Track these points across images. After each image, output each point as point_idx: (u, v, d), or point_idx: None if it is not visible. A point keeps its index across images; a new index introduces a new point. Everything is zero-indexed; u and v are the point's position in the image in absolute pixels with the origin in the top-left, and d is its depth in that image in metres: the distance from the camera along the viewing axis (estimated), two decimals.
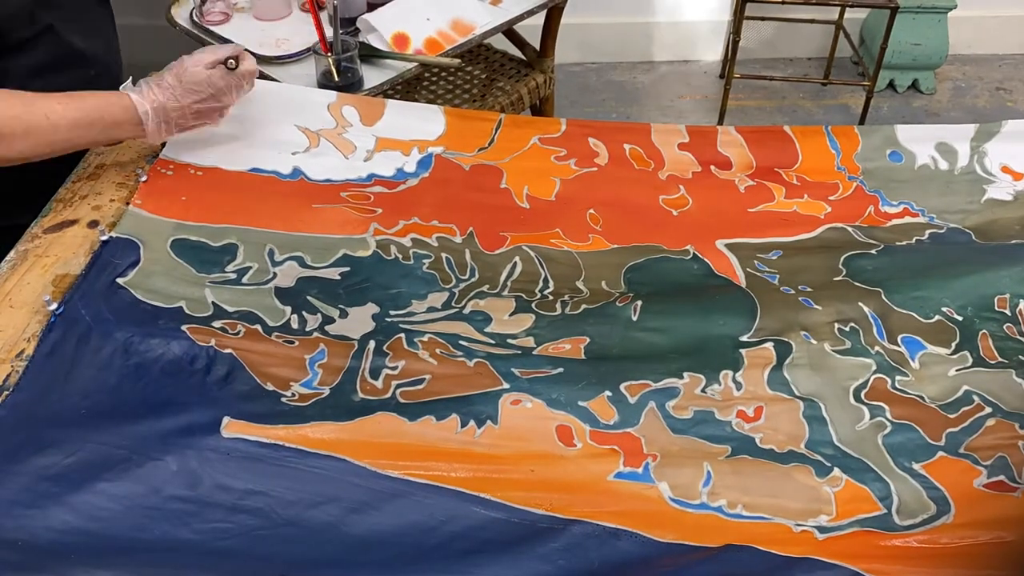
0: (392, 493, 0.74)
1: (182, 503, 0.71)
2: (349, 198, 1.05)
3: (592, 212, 1.07)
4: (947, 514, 0.75)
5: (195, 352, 0.82)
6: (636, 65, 2.68)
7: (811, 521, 0.74)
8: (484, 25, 1.45)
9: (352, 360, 0.85)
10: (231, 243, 0.97)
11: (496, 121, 1.17)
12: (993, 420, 0.83)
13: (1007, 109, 2.52)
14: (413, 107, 1.21)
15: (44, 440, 0.73)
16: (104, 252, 0.91)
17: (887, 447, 0.80)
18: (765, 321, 0.91)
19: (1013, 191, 1.11)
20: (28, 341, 0.82)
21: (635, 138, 1.17)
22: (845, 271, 0.98)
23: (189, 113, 0.98)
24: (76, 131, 0.92)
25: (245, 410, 0.78)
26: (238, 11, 1.47)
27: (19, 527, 0.67)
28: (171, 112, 0.97)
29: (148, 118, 0.96)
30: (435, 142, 1.14)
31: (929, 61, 2.49)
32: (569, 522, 0.73)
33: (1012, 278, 0.95)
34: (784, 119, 2.46)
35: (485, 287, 0.96)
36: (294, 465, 0.75)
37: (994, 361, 0.88)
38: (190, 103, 0.98)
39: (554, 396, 0.82)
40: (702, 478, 0.77)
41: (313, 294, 0.93)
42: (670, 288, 0.97)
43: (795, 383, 0.85)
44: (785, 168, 1.14)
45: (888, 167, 1.15)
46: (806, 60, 2.72)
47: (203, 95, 0.98)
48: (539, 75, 1.77)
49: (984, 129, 1.17)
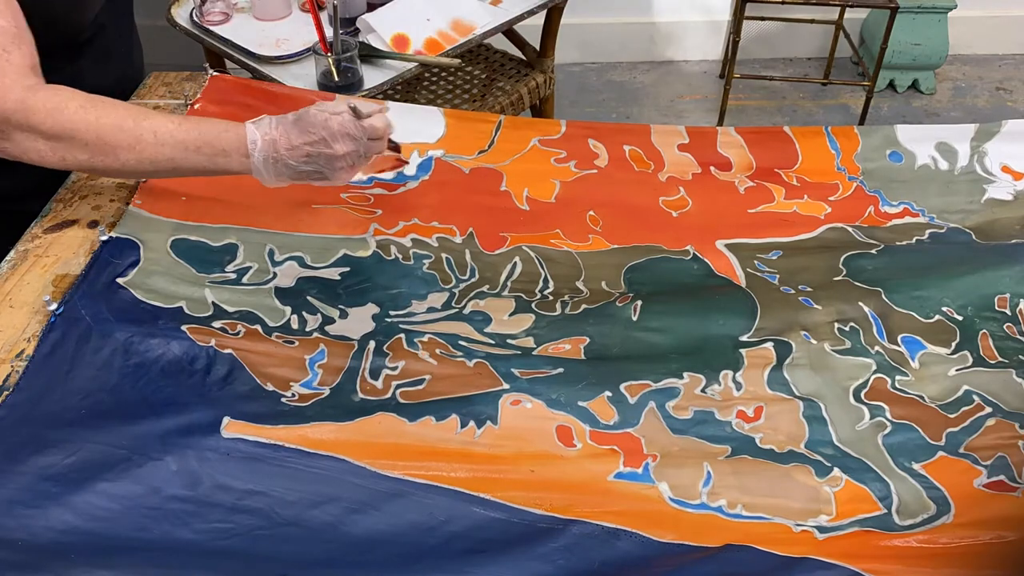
0: (392, 493, 0.74)
1: (182, 503, 0.71)
2: (349, 199, 1.05)
3: (592, 213, 1.07)
4: (947, 514, 0.75)
5: (195, 352, 0.82)
6: (636, 65, 2.69)
7: (811, 521, 0.74)
8: (484, 25, 1.45)
9: (352, 360, 0.85)
10: (231, 243, 0.97)
11: (496, 123, 1.17)
12: (993, 420, 0.83)
13: (1007, 109, 2.52)
14: (413, 109, 1.21)
15: (44, 440, 0.73)
16: (104, 252, 0.91)
17: (887, 447, 0.80)
18: (765, 321, 0.91)
19: (1013, 191, 1.11)
20: (28, 341, 0.82)
21: (635, 139, 1.17)
22: (845, 271, 0.98)
23: (300, 155, 0.91)
24: (182, 152, 0.89)
25: (245, 410, 0.78)
26: (238, 11, 1.48)
27: (19, 527, 0.67)
28: (281, 149, 0.90)
29: (256, 148, 0.90)
30: (435, 145, 1.14)
31: (929, 61, 2.49)
32: (569, 522, 0.73)
33: (1012, 278, 0.95)
34: (784, 119, 2.46)
35: (485, 287, 0.96)
36: (294, 465, 0.75)
37: (994, 361, 0.88)
38: (300, 143, 0.90)
39: (554, 396, 0.82)
40: (702, 478, 0.77)
41: (313, 294, 0.93)
42: (670, 288, 0.97)
43: (795, 383, 0.85)
44: (785, 169, 1.14)
45: (888, 167, 1.15)
46: (806, 60, 2.72)
47: (315, 137, 0.90)
48: (539, 75, 1.77)
49: (984, 129, 1.17)
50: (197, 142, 0.89)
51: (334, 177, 0.94)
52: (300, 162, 0.91)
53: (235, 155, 0.90)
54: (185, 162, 0.90)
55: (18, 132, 0.85)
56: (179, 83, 1.21)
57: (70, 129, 0.85)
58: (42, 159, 0.87)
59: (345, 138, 0.91)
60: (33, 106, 0.84)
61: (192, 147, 0.89)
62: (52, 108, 0.85)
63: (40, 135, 0.85)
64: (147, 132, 0.88)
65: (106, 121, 0.87)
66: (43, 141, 0.86)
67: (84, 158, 0.87)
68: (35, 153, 0.87)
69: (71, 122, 0.85)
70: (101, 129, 0.86)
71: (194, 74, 1.23)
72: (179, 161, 0.89)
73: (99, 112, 0.87)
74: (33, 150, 0.86)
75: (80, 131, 0.86)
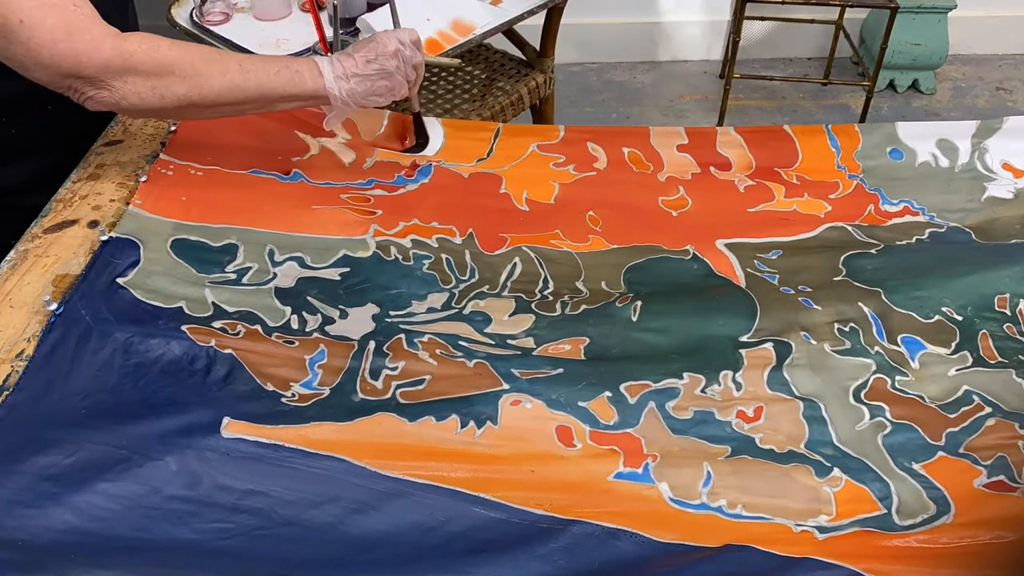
0: (392, 493, 0.74)
1: (182, 503, 0.71)
2: (349, 200, 1.05)
3: (592, 213, 1.07)
4: (947, 514, 0.75)
5: (195, 352, 0.82)
6: (636, 65, 2.69)
7: (811, 521, 0.74)
8: (484, 25, 1.45)
9: (352, 360, 0.85)
10: (231, 243, 0.97)
11: (494, 131, 1.17)
12: (993, 420, 0.83)
13: (1007, 109, 2.52)
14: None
15: (44, 440, 0.73)
16: (104, 252, 0.91)
17: (887, 447, 0.80)
18: (765, 321, 0.91)
19: (1014, 188, 1.11)
20: (28, 341, 0.82)
21: (633, 141, 1.17)
22: (845, 271, 0.98)
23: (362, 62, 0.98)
24: (265, 76, 0.94)
25: (245, 410, 0.78)
26: (238, 11, 1.48)
27: (19, 527, 0.67)
28: (347, 66, 0.97)
29: (323, 64, 0.97)
30: (434, 157, 1.14)
31: (929, 61, 2.49)
32: (569, 522, 0.73)
33: (1012, 278, 0.95)
34: (784, 119, 2.46)
35: (485, 288, 0.96)
36: (294, 465, 0.75)
37: (994, 361, 0.88)
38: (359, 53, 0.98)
39: (554, 396, 0.82)
40: (702, 478, 0.77)
41: (313, 294, 0.93)
42: (670, 288, 0.97)
43: (795, 383, 0.85)
44: (785, 168, 1.14)
45: (889, 165, 1.15)
46: (806, 60, 2.72)
47: (369, 43, 0.99)
48: (539, 75, 1.77)
49: (985, 125, 1.17)
50: (276, 65, 0.95)
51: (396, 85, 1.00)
52: (363, 68, 0.98)
53: (309, 74, 0.96)
54: (268, 85, 0.95)
55: (117, 78, 0.88)
56: None
57: (168, 64, 0.90)
58: (142, 99, 0.90)
59: (393, 39, 0.99)
60: (129, 49, 0.88)
61: (272, 71, 0.95)
62: (148, 47, 0.89)
63: (140, 75, 0.89)
64: (232, 61, 0.94)
65: (197, 54, 0.92)
66: (143, 81, 0.89)
67: (183, 91, 0.91)
68: (134, 96, 0.90)
69: (167, 58, 0.90)
70: (195, 61, 0.91)
71: None
72: (264, 85, 0.94)
73: (186, 48, 0.92)
74: (132, 93, 0.89)
75: (177, 64, 0.90)
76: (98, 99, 0.89)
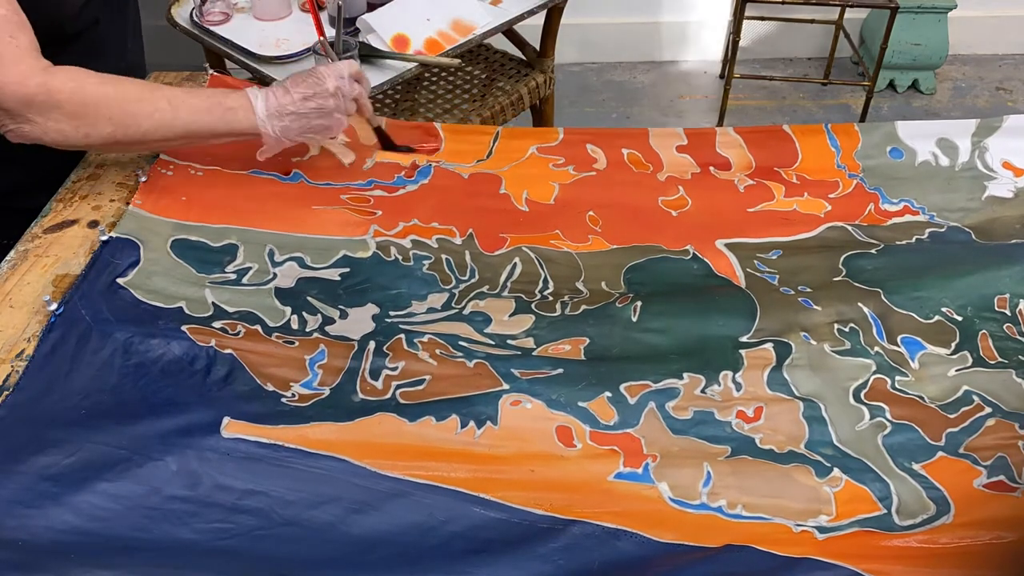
0: (392, 493, 0.74)
1: (182, 503, 0.71)
2: (349, 200, 1.05)
3: (591, 214, 1.07)
4: (947, 514, 0.75)
5: (195, 352, 0.82)
6: (636, 65, 2.69)
7: (811, 521, 0.74)
8: (484, 25, 1.45)
9: (352, 361, 0.85)
10: (231, 243, 0.97)
11: (493, 134, 1.17)
12: (993, 420, 0.83)
13: (1007, 109, 2.52)
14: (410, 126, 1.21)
15: (44, 440, 0.73)
16: (104, 252, 0.91)
17: (887, 447, 0.80)
18: (765, 322, 0.91)
19: (1014, 187, 1.11)
20: (28, 341, 0.82)
21: (633, 143, 1.17)
22: (845, 271, 0.98)
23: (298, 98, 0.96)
24: (195, 115, 0.93)
25: (245, 410, 0.78)
26: (238, 11, 1.48)
27: (19, 527, 0.67)
28: (283, 103, 0.96)
29: (257, 99, 0.95)
30: (434, 158, 1.14)
31: (929, 61, 2.49)
32: (569, 522, 0.73)
33: (1012, 278, 0.95)
34: (784, 119, 2.46)
35: (485, 288, 0.96)
36: (294, 465, 0.75)
37: (994, 361, 0.88)
38: (296, 88, 0.97)
39: (554, 397, 0.82)
40: (702, 478, 0.77)
41: (313, 295, 0.93)
42: (670, 288, 0.97)
43: (795, 383, 0.85)
44: (785, 167, 1.14)
45: (889, 164, 1.15)
46: (806, 60, 2.72)
47: (307, 79, 0.97)
48: (539, 75, 1.77)
49: (985, 124, 1.17)
50: (207, 104, 0.94)
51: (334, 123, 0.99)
52: (300, 106, 0.96)
53: (241, 111, 0.95)
54: (199, 124, 0.94)
55: (40, 114, 0.87)
56: (179, 83, 1.21)
57: (94, 104, 0.88)
58: (65, 138, 0.89)
59: (332, 76, 0.97)
60: (55, 86, 0.86)
61: (203, 109, 0.94)
62: (74, 87, 0.87)
63: (64, 114, 0.87)
64: (162, 100, 0.92)
65: (125, 94, 0.90)
66: (67, 120, 0.88)
67: (108, 131, 0.90)
68: (57, 133, 0.88)
69: (93, 97, 0.88)
70: (122, 102, 0.90)
71: (194, 74, 1.24)
72: (194, 124, 0.94)
73: (115, 86, 0.90)
74: (55, 130, 0.88)
75: (104, 104, 0.88)
76: (19, 132, 0.88)
